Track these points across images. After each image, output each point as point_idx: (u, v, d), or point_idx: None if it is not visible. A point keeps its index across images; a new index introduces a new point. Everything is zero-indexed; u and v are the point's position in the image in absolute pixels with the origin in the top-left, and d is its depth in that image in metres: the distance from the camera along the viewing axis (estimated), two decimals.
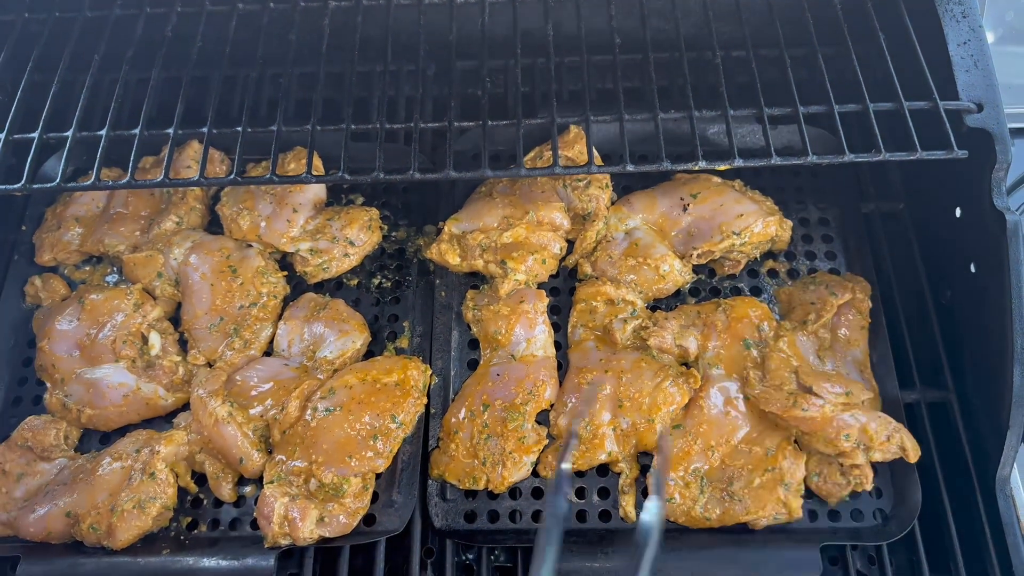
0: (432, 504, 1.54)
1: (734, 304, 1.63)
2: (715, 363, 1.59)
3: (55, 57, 1.58)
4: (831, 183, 1.84)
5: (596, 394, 1.54)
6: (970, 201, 1.54)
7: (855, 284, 1.66)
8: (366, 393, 1.52)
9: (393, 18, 1.62)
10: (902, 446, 1.46)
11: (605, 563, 1.44)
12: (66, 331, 1.65)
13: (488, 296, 1.70)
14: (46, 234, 1.80)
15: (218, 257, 1.70)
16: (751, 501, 1.46)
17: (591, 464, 1.51)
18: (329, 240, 1.72)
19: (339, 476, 1.45)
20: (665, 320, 1.62)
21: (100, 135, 1.49)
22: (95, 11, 1.65)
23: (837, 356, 1.61)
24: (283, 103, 1.53)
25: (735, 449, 1.51)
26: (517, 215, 1.74)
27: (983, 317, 1.52)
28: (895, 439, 1.46)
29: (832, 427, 1.45)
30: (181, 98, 1.53)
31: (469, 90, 1.92)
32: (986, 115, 1.45)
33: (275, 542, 1.44)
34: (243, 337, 1.64)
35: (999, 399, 1.45)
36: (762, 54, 1.56)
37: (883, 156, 1.41)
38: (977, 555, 1.47)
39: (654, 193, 1.80)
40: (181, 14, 1.63)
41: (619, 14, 1.63)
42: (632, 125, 1.45)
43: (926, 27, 1.56)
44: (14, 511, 1.51)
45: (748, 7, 1.61)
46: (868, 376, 1.60)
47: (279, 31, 1.66)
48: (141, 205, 1.81)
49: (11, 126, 1.52)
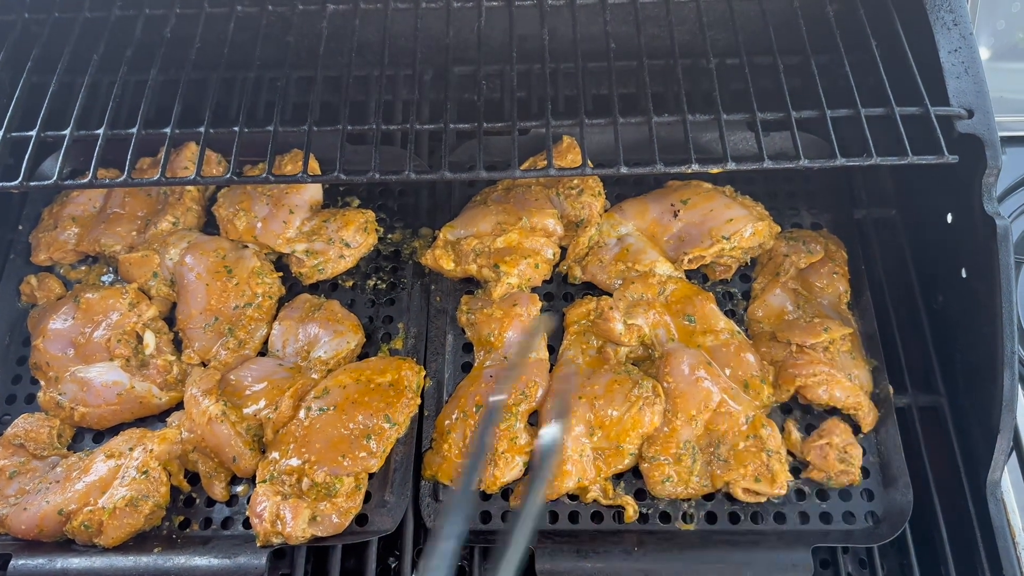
0: (424, 505, 1.54)
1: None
2: (670, 337, 1.63)
3: (54, 58, 1.59)
4: (824, 189, 1.86)
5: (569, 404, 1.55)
6: (961, 207, 1.55)
7: (828, 239, 1.76)
8: (360, 393, 1.52)
9: (390, 21, 1.63)
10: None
11: (597, 563, 1.44)
12: (61, 329, 1.65)
13: (482, 300, 1.71)
14: (42, 234, 1.80)
15: (214, 257, 1.71)
16: (734, 460, 1.49)
17: (558, 493, 1.50)
18: (325, 242, 1.73)
19: (332, 475, 1.45)
20: (610, 310, 1.63)
21: (98, 134, 1.49)
22: (95, 12, 1.66)
23: (813, 300, 1.68)
24: (280, 105, 1.54)
25: (716, 414, 1.53)
26: (511, 221, 1.75)
27: (974, 322, 1.53)
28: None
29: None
30: (179, 99, 1.54)
31: (465, 95, 1.93)
32: (976, 121, 1.46)
33: (267, 541, 1.44)
34: (238, 337, 1.65)
35: (990, 403, 1.46)
36: (756, 62, 1.57)
37: (874, 160, 1.42)
38: (968, 558, 1.48)
39: (646, 200, 1.81)
40: (180, 15, 1.64)
41: (614, 20, 1.64)
42: (626, 133, 1.46)
43: (918, 35, 1.57)
44: (6, 508, 1.51)
45: (742, 15, 1.63)
46: (845, 313, 1.67)
47: (277, 34, 1.68)
48: (138, 206, 1.81)
49: (9, 125, 1.52)
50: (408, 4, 1.65)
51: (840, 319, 1.65)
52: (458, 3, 1.65)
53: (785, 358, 1.60)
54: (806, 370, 1.56)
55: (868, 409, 1.56)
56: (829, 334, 1.59)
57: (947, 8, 1.58)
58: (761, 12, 1.63)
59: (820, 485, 1.54)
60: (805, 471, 1.54)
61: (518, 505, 1.52)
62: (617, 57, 1.59)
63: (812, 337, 1.59)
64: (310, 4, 1.66)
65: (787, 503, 1.53)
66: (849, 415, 1.57)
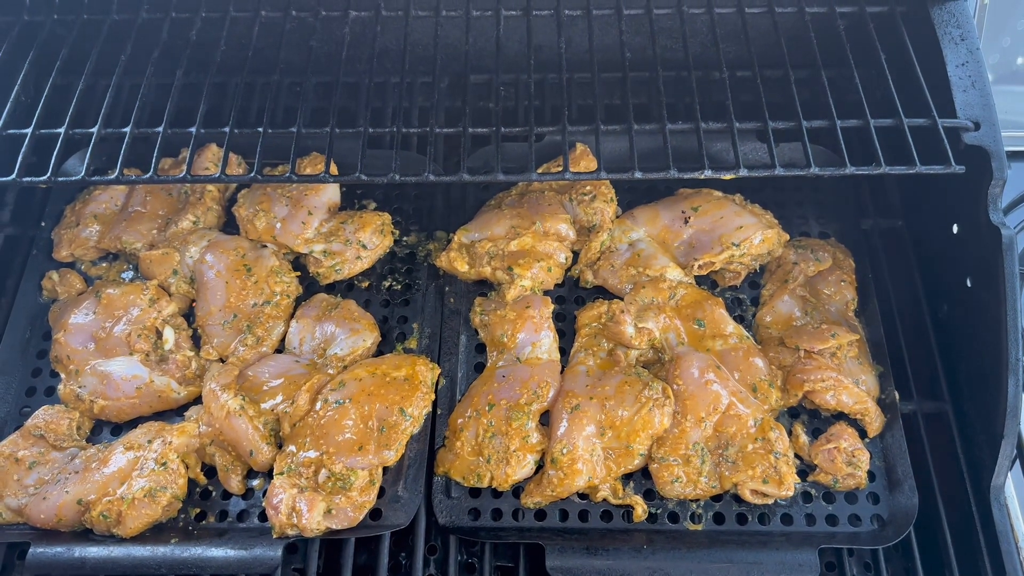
0: (437, 501, 1.56)
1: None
2: (680, 341, 1.65)
3: (81, 59, 1.62)
4: (832, 199, 1.90)
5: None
6: (967, 217, 1.58)
7: (836, 248, 1.79)
8: (376, 386, 1.55)
9: (410, 29, 1.67)
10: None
11: (606, 561, 1.46)
12: (82, 324, 1.68)
13: (495, 302, 1.74)
14: (65, 230, 1.84)
15: (233, 256, 1.74)
16: (743, 462, 1.52)
17: (569, 492, 1.52)
18: (342, 243, 1.76)
19: (348, 467, 1.48)
20: (621, 313, 1.66)
21: (124, 132, 1.53)
22: (122, 14, 1.70)
23: (821, 307, 1.71)
24: (302, 107, 1.58)
25: (725, 416, 1.56)
26: (524, 225, 1.79)
27: (979, 330, 1.56)
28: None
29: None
30: (203, 101, 1.57)
31: (481, 103, 1.97)
32: (983, 133, 1.50)
33: (282, 532, 1.46)
34: (255, 334, 1.68)
35: (994, 409, 1.49)
36: (767, 75, 1.61)
37: (883, 169, 1.45)
38: (971, 562, 1.50)
39: (657, 207, 1.84)
40: (206, 19, 1.68)
41: (629, 31, 1.68)
42: (639, 143, 1.49)
43: (926, 49, 1.61)
44: (25, 498, 1.53)
45: (754, 28, 1.66)
46: (852, 320, 1.70)
47: (299, 39, 1.72)
48: (159, 204, 1.85)
49: (37, 123, 1.56)
50: (428, 12, 1.69)
51: (848, 326, 1.68)
52: (477, 12, 1.69)
53: (793, 363, 1.63)
54: (814, 375, 1.59)
55: (875, 414, 1.59)
56: (837, 340, 1.62)
57: (954, 24, 1.62)
58: (773, 26, 1.66)
59: (826, 488, 1.56)
60: (812, 474, 1.56)
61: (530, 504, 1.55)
62: (632, 68, 1.62)
63: (820, 343, 1.62)
64: (333, 10, 1.70)
65: (794, 505, 1.55)
66: (856, 420, 1.60)
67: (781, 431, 1.55)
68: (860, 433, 1.58)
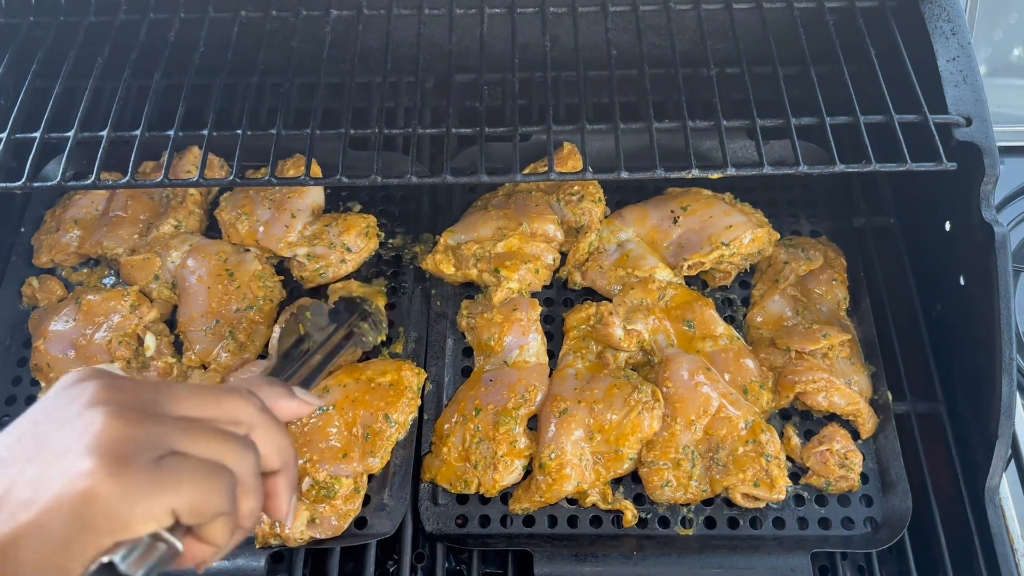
0: (423, 509, 1.54)
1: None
2: (669, 343, 1.63)
3: (58, 62, 1.60)
4: (823, 197, 1.87)
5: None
6: (959, 215, 1.56)
7: (827, 247, 1.77)
8: (360, 392, 1.52)
9: (393, 27, 1.65)
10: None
11: (596, 567, 1.44)
12: (62, 331, 1.66)
13: (482, 305, 1.71)
14: (44, 236, 1.81)
15: (215, 260, 1.72)
16: (733, 466, 1.50)
17: (558, 497, 1.50)
18: (326, 246, 1.74)
19: (332, 475, 1.45)
20: (610, 315, 1.64)
21: (101, 136, 1.50)
22: (100, 16, 1.67)
23: (812, 306, 1.69)
24: (283, 109, 1.55)
25: (715, 419, 1.53)
26: (511, 227, 1.76)
27: (972, 329, 1.54)
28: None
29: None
30: (182, 103, 1.55)
31: (467, 103, 1.94)
32: (975, 129, 1.47)
33: (266, 542, 1.44)
34: (238, 340, 1.65)
35: (988, 410, 1.47)
36: (756, 71, 1.58)
37: (873, 166, 1.42)
38: (966, 565, 1.48)
39: (646, 207, 1.82)
40: (184, 20, 1.65)
41: (615, 28, 1.65)
42: (626, 141, 1.47)
43: (916, 44, 1.59)
44: None
45: (742, 23, 1.64)
46: (844, 320, 1.68)
47: (281, 40, 1.69)
48: (140, 209, 1.82)
49: (13, 127, 1.53)
50: (411, 10, 1.66)
51: (839, 326, 1.65)
52: (460, 10, 1.66)
53: (784, 364, 1.61)
54: (805, 376, 1.57)
55: (867, 415, 1.57)
56: (828, 340, 1.60)
57: (945, 18, 1.60)
58: (761, 22, 1.64)
59: (819, 490, 1.54)
60: (804, 477, 1.54)
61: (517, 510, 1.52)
62: (618, 65, 1.59)
63: (811, 343, 1.60)
64: (314, 10, 1.67)
65: (786, 508, 1.53)
66: (848, 421, 1.58)
67: (772, 433, 1.53)
68: (853, 434, 1.56)
